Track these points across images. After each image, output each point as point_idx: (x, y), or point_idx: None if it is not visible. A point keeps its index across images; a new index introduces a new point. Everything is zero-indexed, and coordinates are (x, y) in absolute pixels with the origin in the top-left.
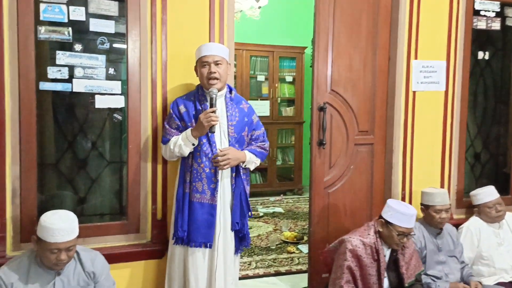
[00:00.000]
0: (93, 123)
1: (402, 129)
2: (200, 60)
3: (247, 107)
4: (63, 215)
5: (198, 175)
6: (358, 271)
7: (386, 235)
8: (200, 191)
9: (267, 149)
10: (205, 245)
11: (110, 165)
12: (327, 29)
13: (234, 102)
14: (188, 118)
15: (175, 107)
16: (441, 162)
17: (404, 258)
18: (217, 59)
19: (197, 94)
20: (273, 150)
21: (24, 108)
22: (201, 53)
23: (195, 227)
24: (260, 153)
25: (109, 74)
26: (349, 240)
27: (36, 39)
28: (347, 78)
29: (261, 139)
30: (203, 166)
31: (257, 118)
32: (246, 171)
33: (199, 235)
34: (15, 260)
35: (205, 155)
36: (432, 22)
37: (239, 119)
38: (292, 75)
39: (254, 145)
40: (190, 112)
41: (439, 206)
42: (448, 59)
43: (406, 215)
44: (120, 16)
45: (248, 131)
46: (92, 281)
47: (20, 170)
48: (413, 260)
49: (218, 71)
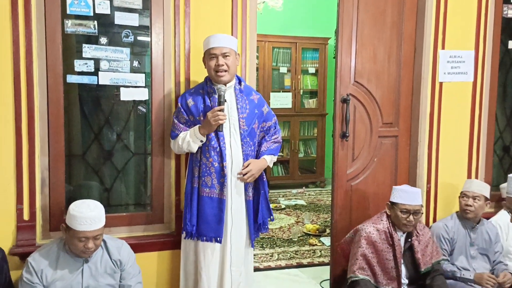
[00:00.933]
0: (118, 115)
1: (428, 121)
2: (208, 52)
3: (257, 98)
4: (91, 205)
5: (207, 169)
6: (375, 257)
7: (393, 216)
8: (209, 185)
9: (280, 141)
10: (215, 239)
11: (134, 157)
12: (350, 20)
13: (244, 94)
14: (197, 112)
15: (183, 101)
16: (468, 154)
17: (419, 245)
18: (225, 51)
19: (206, 86)
20: (295, 142)
21: (52, 100)
22: (209, 45)
23: (205, 221)
24: (276, 149)
25: (134, 66)
26: (362, 228)
27: (63, 32)
28: (371, 69)
29: (273, 130)
30: (212, 160)
31: (268, 109)
32: None
33: (209, 229)
34: (44, 247)
35: (214, 149)
36: (460, 10)
37: (250, 111)
38: (315, 66)
39: (268, 141)
40: (198, 105)
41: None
42: (476, 49)
43: (408, 192)
44: (144, 9)
45: (259, 123)
46: (118, 269)
47: (48, 161)
48: (429, 248)
49: (226, 63)
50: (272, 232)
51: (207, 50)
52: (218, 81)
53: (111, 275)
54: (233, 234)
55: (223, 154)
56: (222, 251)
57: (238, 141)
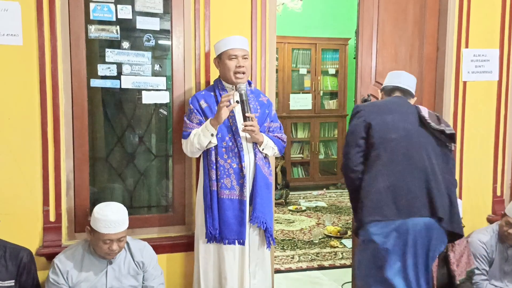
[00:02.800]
0: (140, 119)
1: (452, 121)
2: (227, 53)
3: (266, 100)
4: (115, 208)
5: (225, 171)
6: None
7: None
8: (229, 187)
9: (284, 141)
10: (238, 241)
11: (156, 159)
12: (371, 19)
13: (255, 95)
14: (211, 114)
15: (195, 103)
16: (494, 155)
17: (454, 256)
18: (244, 54)
19: (217, 88)
20: (315, 143)
21: (77, 104)
22: (229, 46)
23: (227, 224)
24: (276, 141)
25: (155, 70)
26: None
27: (87, 38)
28: (392, 69)
29: (278, 131)
30: (230, 162)
31: (274, 111)
32: (267, 159)
33: (232, 232)
34: (70, 248)
35: (231, 150)
36: (484, 7)
37: (261, 111)
38: (335, 67)
39: (270, 135)
40: (212, 107)
41: None
42: (501, 47)
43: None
44: (165, 13)
45: (269, 122)
46: (141, 270)
47: (73, 164)
48: (463, 257)
49: (246, 65)
50: (293, 234)
51: (225, 51)
52: (235, 82)
53: (134, 276)
54: (253, 235)
55: (241, 155)
56: (241, 252)
57: (250, 141)
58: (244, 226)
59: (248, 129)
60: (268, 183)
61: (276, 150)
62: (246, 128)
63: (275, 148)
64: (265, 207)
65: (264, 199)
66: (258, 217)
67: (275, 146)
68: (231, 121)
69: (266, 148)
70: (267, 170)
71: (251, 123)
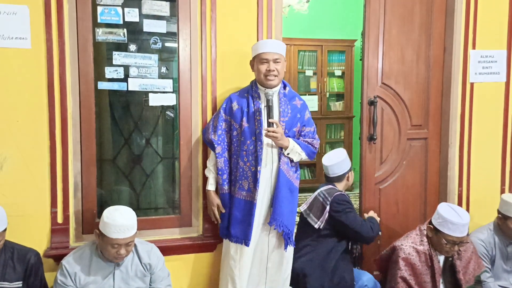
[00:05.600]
0: (147, 121)
1: (459, 123)
2: (259, 56)
3: (300, 104)
4: (123, 213)
5: (244, 173)
6: (413, 279)
7: (435, 242)
8: (246, 189)
9: (315, 146)
10: (244, 242)
11: (163, 161)
12: (377, 21)
13: (288, 98)
14: (240, 116)
15: (228, 105)
16: (502, 156)
17: (461, 263)
18: (276, 57)
19: (251, 90)
20: (322, 145)
21: (84, 107)
22: (261, 49)
23: (242, 224)
24: (305, 147)
25: (162, 73)
26: (401, 248)
27: (94, 41)
28: (399, 71)
29: (310, 136)
30: (249, 165)
31: (309, 115)
32: (294, 164)
33: (241, 231)
34: (78, 250)
35: (251, 153)
36: (491, 8)
37: (292, 115)
38: (341, 69)
39: (301, 139)
40: (243, 108)
41: None
42: (509, 48)
43: (456, 224)
44: (172, 16)
45: (300, 127)
46: (148, 272)
47: (81, 166)
48: (471, 264)
49: (277, 68)
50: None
51: (258, 55)
52: (267, 85)
53: (141, 278)
54: (270, 236)
55: (259, 159)
56: (259, 252)
57: (275, 145)
58: (250, 227)
59: (270, 135)
60: (293, 188)
61: (303, 155)
62: (268, 134)
63: (302, 153)
64: (285, 210)
65: (285, 203)
66: (276, 220)
67: (302, 151)
68: (257, 124)
69: (292, 153)
70: (292, 175)
71: (273, 129)
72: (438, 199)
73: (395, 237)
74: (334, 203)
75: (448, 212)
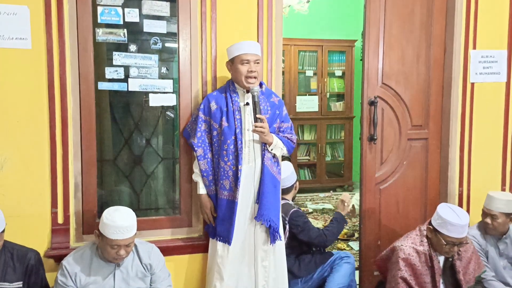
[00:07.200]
0: (147, 121)
1: (460, 123)
2: (240, 57)
3: (277, 100)
4: (123, 213)
5: (225, 173)
6: (413, 280)
7: (435, 242)
8: (227, 188)
9: (294, 141)
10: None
11: (163, 161)
12: (377, 21)
13: (265, 96)
14: (220, 115)
15: (207, 103)
16: (503, 157)
17: (461, 263)
18: (256, 58)
19: (229, 90)
20: (322, 146)
21: (85, 107)
22: (242, 51)
23: (225, 223)
24: (286, 142)
25: (162, 73)
26: (401, 249)
27: (95, 41)
28: (399, 71)
29: (289, 131)
30: (230, 164)
31: (286, 111)
32: (276, 159)
33: (224, 230)
34: (78, 251)
35: (232, 153)
36: (491, 8)
37: (272, 112)
38: (342, 69)
39: (280, 135)
40: (222, 108)
41: None
42: (509, 48)
43: (455, 225)
44: (172, 16)
45: (279, 123)
46: (148, 273)
47: (81, 166)
48: (471, 264)
49: (257, 70)
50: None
51: (238, 56)
52: (246, 87)
53: (142, 279)
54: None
55: (239, 158)
56: (249, 249)
57: (258, 142)
58: (232, 226)
59: (258, 130)
60: (276, 182)
61: (285, 150)
62: (256, 129)
63: (284, 148)
64: (271, 205)
65: (271, 198)
66: (263, 215)
67: (284, 146)
68: (236, 123)
69: (275, 149)
70: (275, 170)
71: (261, 124)
72: (438, 199)
73: (396, 238)
74: (292, 221)
75: (447, 213)
